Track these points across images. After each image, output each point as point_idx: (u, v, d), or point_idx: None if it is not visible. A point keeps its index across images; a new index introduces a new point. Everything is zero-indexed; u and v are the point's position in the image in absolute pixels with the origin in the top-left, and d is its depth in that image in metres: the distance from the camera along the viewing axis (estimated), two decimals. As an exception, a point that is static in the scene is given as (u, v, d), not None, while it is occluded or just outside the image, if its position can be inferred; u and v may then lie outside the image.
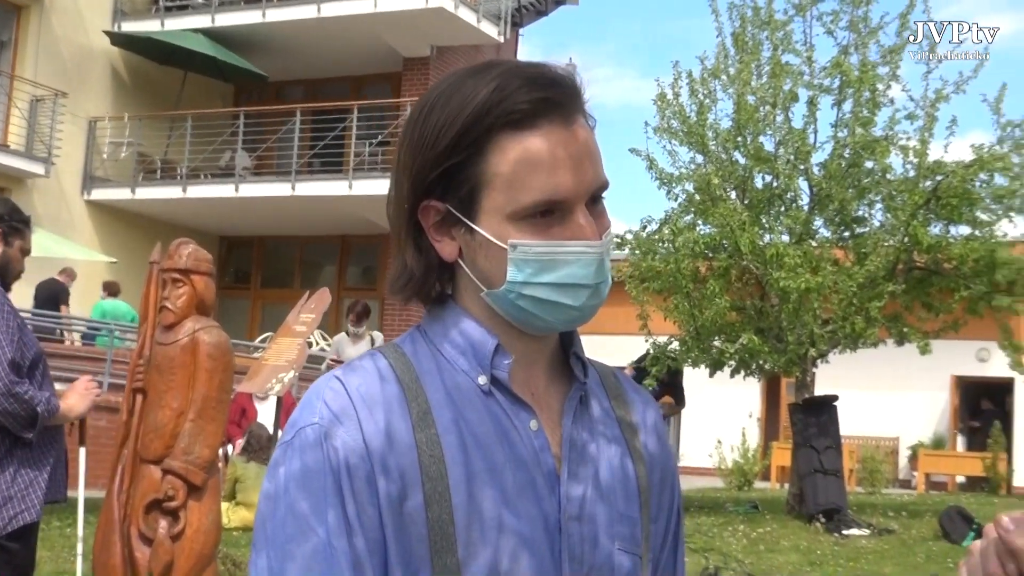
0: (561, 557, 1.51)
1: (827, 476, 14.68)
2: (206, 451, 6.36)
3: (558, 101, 1.49)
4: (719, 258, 15.66)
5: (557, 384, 1.61)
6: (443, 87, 1.53)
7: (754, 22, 16.22)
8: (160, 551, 6.19)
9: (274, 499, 1.46)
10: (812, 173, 15.77)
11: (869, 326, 15.15)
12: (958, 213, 15.34)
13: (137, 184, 23.81)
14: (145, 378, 6.37)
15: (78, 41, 23.64)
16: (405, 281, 1.57)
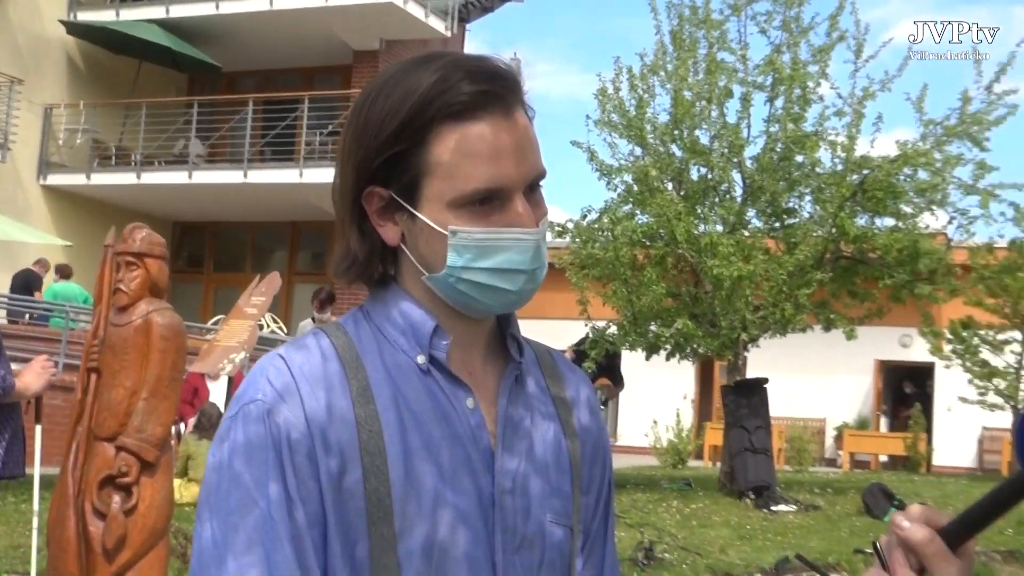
0: (495, 530, 1.52)
1: (757, 455, 14.79)
2: (159, 429, 6.33)
3: (498, 93, 1.50)
4: (656, 246, 15.73)
5: (494, 364, 1.62)
6: (387, 77, 1.53)
7: (691, 21, 16.28)
8: (113, 525, 6.16)
9: (218, 472, 1.46)
10: (745, 166, 15.87)
11: (798, 312, 15.27)
12: (883, 206, 15.50)
13: (92, 170, 23.62)
14: (99, 358, 6.33)
15: (34, 30, 23.39)
16: (349, 264, 1.58)
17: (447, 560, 1.48)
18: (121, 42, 23.52)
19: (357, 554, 1.44)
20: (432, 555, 1.47)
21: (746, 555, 10.45)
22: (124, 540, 6.18)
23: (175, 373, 6.41)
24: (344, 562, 1.44)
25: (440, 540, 1.47)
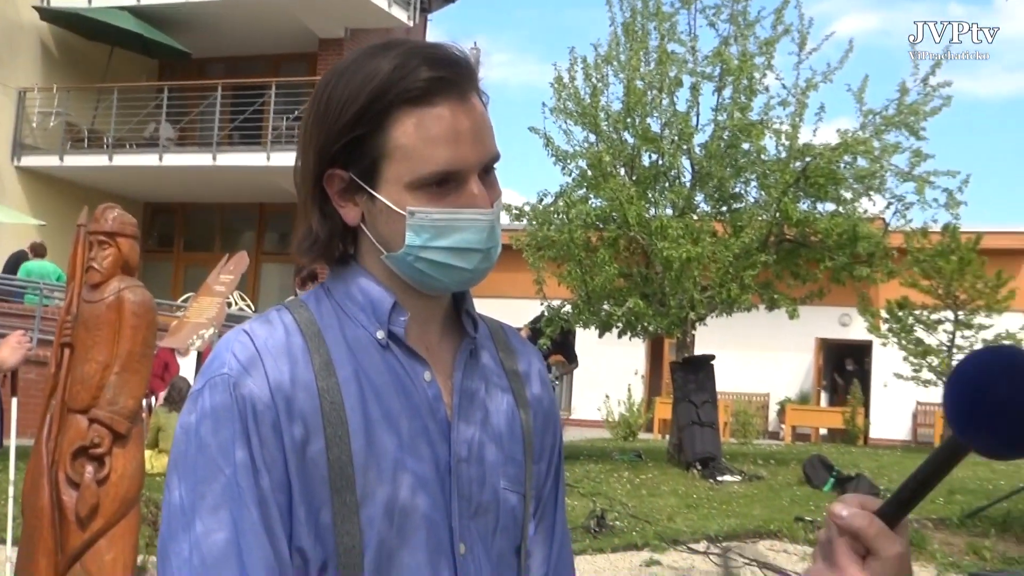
0: (452, 496, 1.54)
1: (704, 428, 14.88)
2: (130, 402, 6.30)
3: (454, 80, 1.50)
4: (609, 229, 15.77)
5: (450, 339, 1.64)
6: (347, 64, 1.54)
7: (643, 13, 16.30)
8: (86, 494, 6.14)
9: (186, 440, 1.47)
10: (694, 153, 15.93)
11: (743, 292, 15.37)
12: (824, 191, 15.60)
13: (65, 152, 23.40)
14: (73, 333, 6.30)
15: (8, 15, 23.10)
16: (311, 243, 1.58)
17: (407, 524, 1.49)
18: (93, 28, 23.29)
19: (321, 519, 1.45)
20: (393, 519, 1.48)
21: (692, 523, 10.53)
22: (97, 509, 6.16)
23: (146, 348, 6.39)
24: (309, 528, 1.45)
25: (400, 505, 1.49)
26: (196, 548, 1.41)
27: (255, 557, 1.41)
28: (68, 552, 6.17)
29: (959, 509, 10.87)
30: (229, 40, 24.51)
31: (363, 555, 1.46)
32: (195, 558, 1.41)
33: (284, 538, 1.43)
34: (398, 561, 1.49)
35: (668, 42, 16.17)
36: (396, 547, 1.49)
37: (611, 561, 8.96)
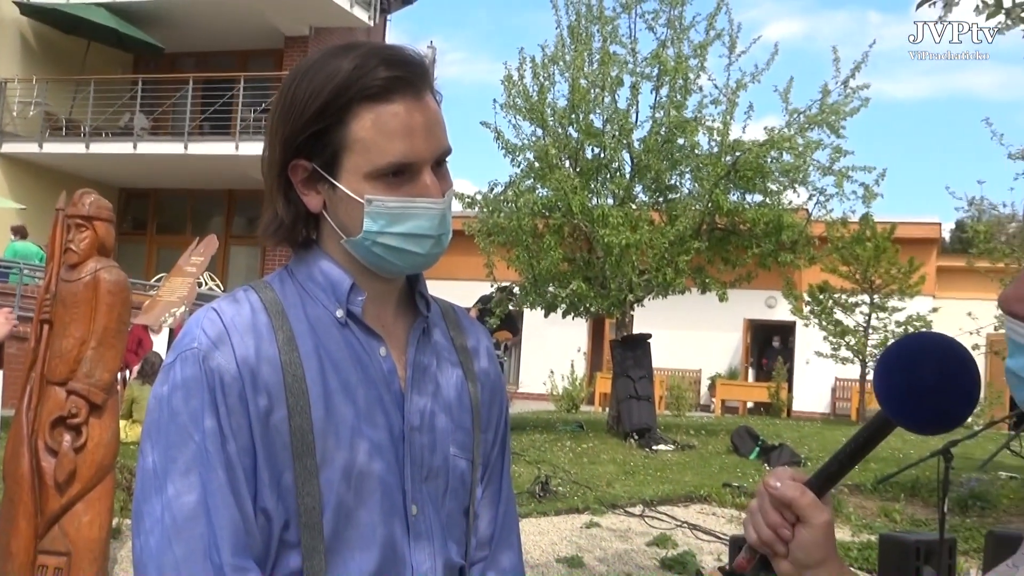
0: (405, 461, 1.55)
1: (640, 401, 14.97)
2: (106, 375, 6.27)
3: (409, 79, 1.52)
4: (554, 217, 15.78)
5: (404, 318, 1.65)
6: (310, 63, 1.55)
7: (587, 17, 16.33)
8: (64, 461, 6.10)
9: (159, 409, 1.48)
10: (633, 147, 15.97)
11: (678, 276, 15.46)
12: (752, 184, 15.71)
13: (44, 140, 23.11)
14: (51, 310, 6.26)
15: (-11, 10, 22.79)
16: (275, 228, 1.59)
17: (363, 487, 1.51)
18: (71, 23, 23.02)
19: (283, 482, 1.46)
20: (350, 482, 1.49)
21: (630, 488, 10.60)
22: (74, 475, 6.13)
23: (121, 325, 6.36)
24: (272, 490, 1.46)
25: (357, 469, 1.50)
26: (168, 508, 1.42)
27: (223, 516, 1.42)
28: (47, 515, 6.14)
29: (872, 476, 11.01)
30: (200, 36, 24.31)
31: (322, 514, 1.47)
32: (167, 517, 1.42)
33: (250, 499, 1.44)
34: (355, 520, 1.50)
35: (610, 44, 16.21)
36: (353, 507, 1.50)
37: (554, 523, 9.01)
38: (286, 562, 1.47)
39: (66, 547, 6.13)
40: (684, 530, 9.07)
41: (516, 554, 1.77)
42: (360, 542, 1.50)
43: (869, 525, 9.61)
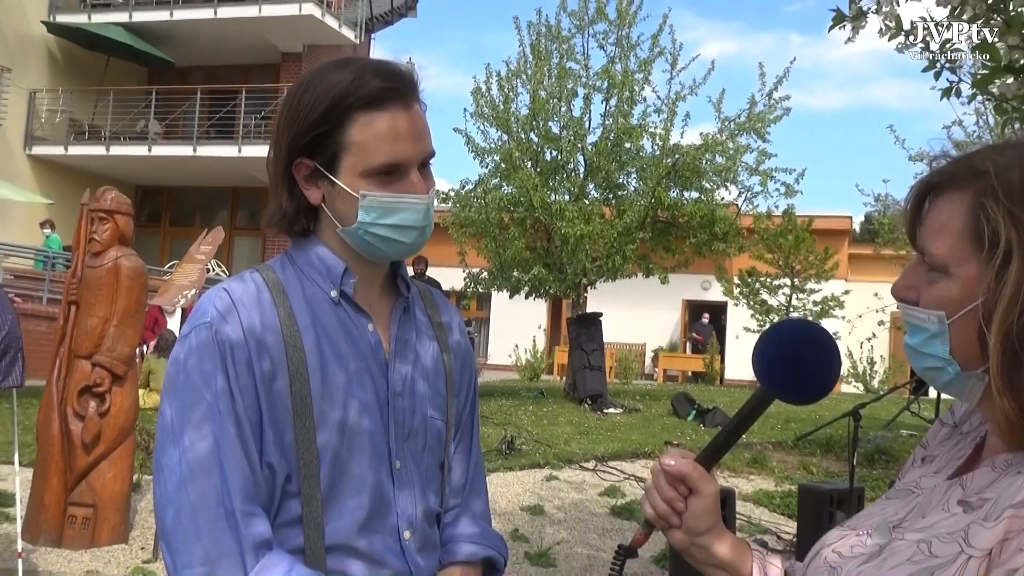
0: (389, 422, 1.57)
1: (593, 371, 14.99)
2: (126, 349, 6.26)
3: (400, 90, 1.53)
4: (518, 211, 15.77)
5: (388, 298, 1.66)
6: (313, 74, 1.56)
7: (546, 36, 16.28)
8: (90, 425, 6.09)
9: (175, 371, 1.49)
10: (586, 150, 15.96)
11: (625, 262, 15.50)
12: (690, 182, 15.74)
13: (69, 143, 22.92)
14: (78, 293, 6.24)
15: (20, 29, 22.51)
16: (280, 218, 1.60)
17: (355, 443, 1.52)
18: (92, 40, 22.79)
19: (285, 440, 1.48)
20: (343, 439, 1.51)
21: (584, 446, 10.65)
22: (99, 436, 6.13)
23: (139, 305, 6.35)
24: (276, 446, 1.47)
25: (349, 428, 1.52)
26: (183, 456, 1.43)
27: (234, 468, 1.43)
28: (75, 472, 6.13)
29: (792, 434, 11.12)
30: (207, 52, 24.12)
31: (319, 467, 1.49)
32: (183, 464, 1.43)
33: (256, 453, 1.45)
34: (348, 472, 1.52)
35: (566, 60, 16.17)
36: (346, 461, 1.51)
37: (519, 477, 9.03)
38: (288, 509, 1.49)
39: (92, 500, 6.12)
40: (631, 482, 9.12)
41: (484, 501, 1.80)
42: (352, 491, 1.52)
43: (789, 477, 9.71)
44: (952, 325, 1.07)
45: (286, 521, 1.49)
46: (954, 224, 1.07)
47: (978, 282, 1.05)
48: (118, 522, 6.23)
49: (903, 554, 1.04)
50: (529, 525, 7.50)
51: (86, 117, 23.60)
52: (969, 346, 1.07)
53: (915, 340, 1.12)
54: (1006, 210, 1.02)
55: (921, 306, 1.11)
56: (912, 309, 1.12)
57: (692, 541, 1.28)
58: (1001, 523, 0.96)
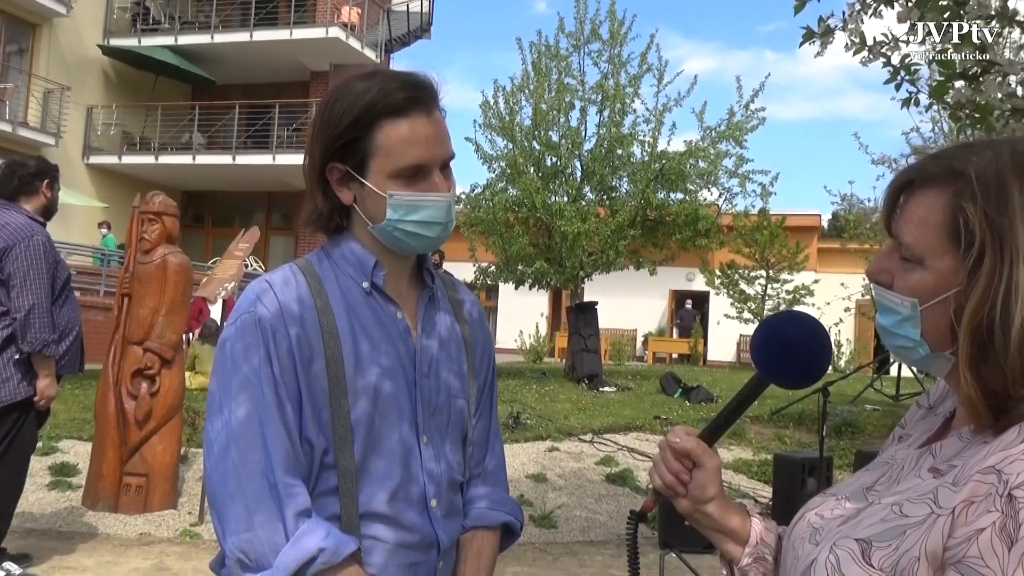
0: (417, 400, 1.56)
1: (589, 353, 15.00)
2: (174, 336, 6.27)
3: (423, 98, 1.51)
4: (522, 211, 15.78)
5: (415, 288, 1.65)
6: (343, 86, 1.54)
7: (547, 55, 16.26)
8: (142, 404, 6.10)
9: (222, 355, 1.49)
10: (583, 157, 15.95)
11: (618, 257, 15.52)
12: (675, 184, 15.74)
13: (122, 153, 22.92)
14: (130, 286, 6.24)
15: (78, 52, 22.52)
16: (316, 217, 1.58)
17: (385, 421, 1.51)
18: (142, 61, 22.79)
19: (323, 417, 1.47)
20: (375, 417, 1.50)
21: (582, 420, 10.64)
22: (150, 414, 6.14)
23: (185, 297, 6.35)
24: (313, 423, 1.46)
25: (381, 407, 1.51)
26: (226, 426, 1.43)
27: (275, 439, 1.43)
28: (129, 445, 6.15)
29: (768, 409, 11.11)
30: (244, 71, 24.12)
31: (353, 442, 1.48)
32: (225, 432, 1.43)
33: (296, 429, 1.45)
34: (379, 447, 1.51)
35: (564, 77, 16.17)
36: (378, 437, 1.50)
37: (524, 448, 9.04)
38: (325, 480, 1.48)
39: (145, 470, 6.14)
40: (624, 452, 9.12)
41: (502, 471, 1.78)
42: (383, 463, 1.51)
43: (766, 447, 9.71)
44: (924, 311, 1.06)
45: (323, 491, 1.48)
46: (933, 220, 1.05)
47: (951, 275, 1.03)
48: (167, 490, 6.25)
49: (877, 515, 1.04)
50: (533, 491, 7.50)
51: (137, 130, 23.63)
52: (939, 331, 1.06)
53: (887, 321, 1.11)
54: (983, 212, 1.00)
55: (895, 290, 1.09)
56: (886, 292, 1.11)
57: (697, 508, 1.29)
58: (967, 487, 0.95)
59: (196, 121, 23.33)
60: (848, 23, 2.99)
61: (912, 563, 0.95)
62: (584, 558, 6.03)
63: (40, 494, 6.38)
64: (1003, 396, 0.99)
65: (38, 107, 21.61)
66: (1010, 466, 0.92)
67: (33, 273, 4.41)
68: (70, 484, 6.63)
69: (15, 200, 4.58)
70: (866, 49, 3.05)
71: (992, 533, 0.90)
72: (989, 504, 0.92)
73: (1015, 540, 0.88)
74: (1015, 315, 0.97)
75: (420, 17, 25.54)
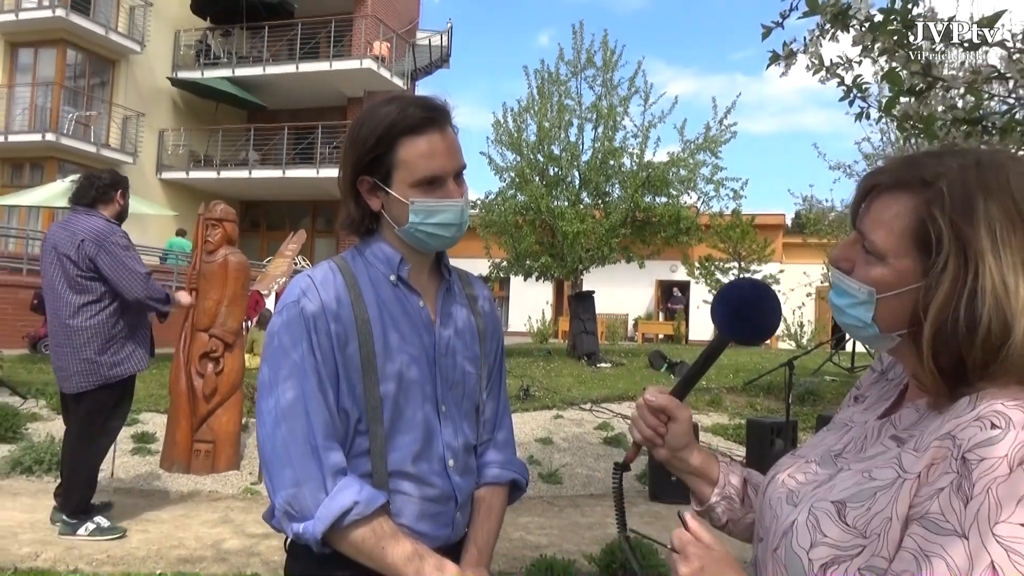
0: (436, 376, 1.55)
1: (588, 335, 15.00)
2: (234, 324, 6.27)
3: (436, 118, 1.51)
4: (529, 214, 15.75)
5: (434, 281, 1.64)
6: (368, 111, 1.54)
7: (549, 80, 16.22)
8: (209, 381, 6.11)
9: (269, 341, 1.48)
10: (581, 167, 15.91)
11: (611, 252, 15.49)
12: (660, 190, 15.67)
13: (189, 169, 22.99)
14: (197, 282, 6.24)
15: (151, 84, 22.58)
16: (349, 222, 1.59)
17: (410, 392, 1.50)
18: (205, 90, 22.84)
19: (356, 391, 1.46)
20: (400, 389, 1.49)
21: (582, 392, 10.63)
22: (216, 390, 6.15)
23: (243, 290, 6.36)
24: (349, 395, 1.45)
25: (406, 380, 1.50)
26: (277, 404, 1.43)
27: (316, 409, 1.42)
28: (198, 416, 6.16)
29: (741, 380, 11.07)
30: (291, 97, 24.15)
31: (382, 411, 1.48)
32: (276, 410, 1.42)
33: (334, 400, 1.44)
34: (404, 414, 1.50)
35: (564, 99, 16.11)
36: (403, 406, 1.50)
37: (533, 416, 9.04)
38: (359, 444, 1.48)
39: (212, 437, 6.16)
40: (619, 419, 9.11)
41: (509, 435, 1.77)
42: (408, 429, 1.51)
43: (739, 413, 9.67)
44: (880, 300, 1.04)
45: (357, 453, 1.48)
46: (899, 223, 1.02)
47: (909, 274, 1.01)
48: (232, 454, 6.27)
49: (849, 479, 1.03)
50: (541, 452, 7.50)
51: (201, 149, 23.71)
52: (892, 318, 1.04)
53: (841, 302, 1.09)
54: (951, 221, 0.97)
55: (854, 277, 1.07)
56: (845, 277, 1.09)
57: (673, 455, 1.31)
58: (928, 452, 0.94)
59: (251, 141, 23.38)
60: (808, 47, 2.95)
61: (884, 522, 0.95)
62: (585, 509, 6.02)
63: (125, 459, 6.41)
64: (960, 382, 0.98)
65: (118, 131, 21.73)
66: (962, 432, 0.91)
67: (125, 260, 4.51)
68: (149, 450, 6.66)
69: (94, 207, 4.64)
70: (824, 69, 3.01)
71: (950, 492, 0.90)
72: (946, 467, 0.91)
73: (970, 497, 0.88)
74: (981, 316, 0.95)
75: (440, 50, 25.53)
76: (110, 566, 4.24)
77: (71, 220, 4.57)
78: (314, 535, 1.38)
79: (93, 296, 4.50)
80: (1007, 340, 0.94)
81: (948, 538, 0.88)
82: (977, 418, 0.91)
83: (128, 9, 21.82)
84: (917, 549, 0.90)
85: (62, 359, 4.50)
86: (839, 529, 0.98)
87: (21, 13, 19.96)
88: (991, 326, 0.94)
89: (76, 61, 21.02)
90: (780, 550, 1.04)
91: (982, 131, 2.72)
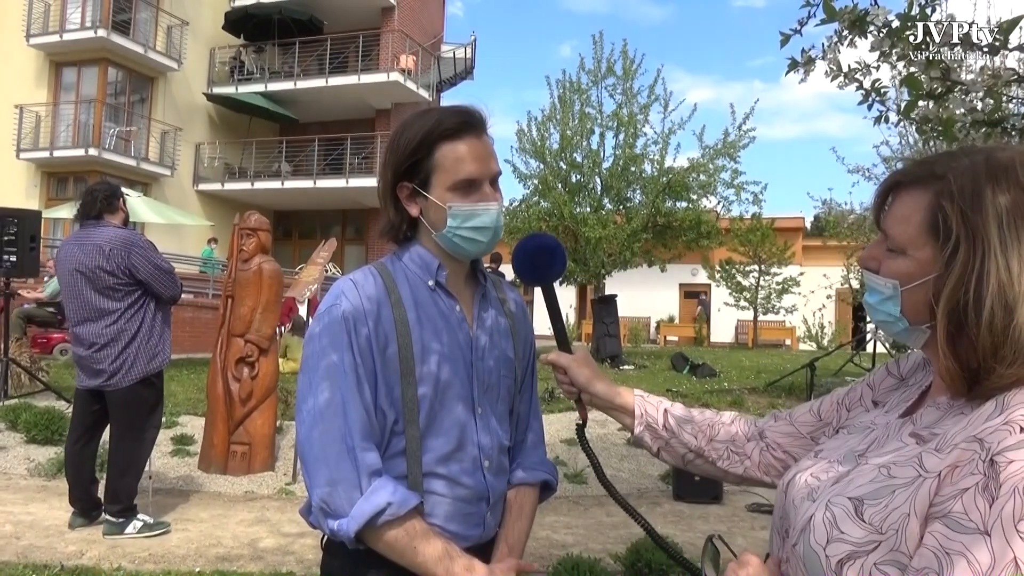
0: (472, 380, 1.55)
1: (611, 338, 14.96)
2: (269, 330, 6.31)
3: (473, 124, 1.51)
4: (552, 220, 15.76)
5: (470, 287, 1.63)
6: (408, 120, 1.54)
7: (570, 89, 16.23)
8: (244, 385, 6.15)
9: (310, 344, 1.48)
10: (602, 174, 15.90)
11: (633, 256, 15.46)
12: (680, 195, 15.64)
13: (225, 181, 23.23)
14: (233, 289, 6.29)
15: (188, 99, 22.86)
16: (389, 228, 1.58)
17: (446, 395, 1.50)
18: (239, 105, 23.09)
19: (394, 393, 1.46)
20: (437, 391, 1.49)
21: (606, 394, 10.56)
22: (251, 394, 6.19)
23: (277, 297, 6.39)
24: (387, 397, 1.45)
25: (442, 384, 1.50)
26: (315, 403, 1.43)
27: (353, 411, 1.42)
28: (235, 419, 6.20)
29: (763, 381, 10.97)
30: (321, 111, 24.33)
31: (419, 414, 1.47)
32: (314, 411, 1.43)
33: (372, 402, 1.44)
34: (441, 416, 1.50)
35: (585, 107, 16.11)
36: (440, 408, 1.50)
37: (558, 418, 9.01)
38: (395, 444, 1.47)
39: (247, 439, 6.20)
40: (642, 420, 9.04)
41: (540, 437, 1.77)
42: (443, 430, 1.50)
43: (761, 414, 9.52)
44: (904, 292, 1.06)
45: (393, 454, 1.48)
46: (916, 217, 1.04)
47: (930, 264, 1.03)
48: (266, 456, 6.31)
49: (867, 476, 1.03)
50: (567, 453, 7.47)
51: (236, 161, 23.95)
52: (917, 309, 1.05)
53: (873, 299, 1.11)
54: (960, 210, 0.99)
55: (880, 275, 1.09)
56: (873, 276, 1.11)
57: (584, 391, 1.53)
58: (952, 454, 0.94)
59: (283, 153, 23.58)
60: (827, 53, 2.92)
61: (903, 519, 0.94)
62: (610, 508, 5.99)
63: (165, 460, 6.48)
64: (976, 369, 0.98)
65: (156, 145, 22.03)
66: (991, 436, 0.91)
67: (156, 261, 4.60)
68: (188, 452, 6.73)
69: (102, 218, 4.65)
70: (842, 75, 2.98)
71: (975, 492, 0.89)
72: (972, 468, 0.91)
73: (996, 497, 0.87)
74: (985, 299, 0.97)
75: (465, 62, 25.60)
76: (152, 564, 4.29)
77: (85, 235, 4.57)
78: (348, 533, 1.39)
79: (131, 299, 4.55)
80: (1010, 323, 0.95)
81: (971, 536, 0.87)
82: (1006, 422, 0.91)
83: (166, 28, 22.13)
84: (938, 547, 0.89)
85: (101, 363, 4.55)
86: (856, 526, 0.97)
87: (65, 34, 20.35)
88: (994, 308, 0.96)
89: (117, 79, 21.36)
90: (799, 546, 1.04)
91: (1002, 133, 2.69)
